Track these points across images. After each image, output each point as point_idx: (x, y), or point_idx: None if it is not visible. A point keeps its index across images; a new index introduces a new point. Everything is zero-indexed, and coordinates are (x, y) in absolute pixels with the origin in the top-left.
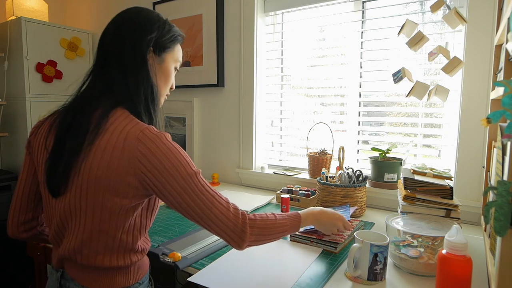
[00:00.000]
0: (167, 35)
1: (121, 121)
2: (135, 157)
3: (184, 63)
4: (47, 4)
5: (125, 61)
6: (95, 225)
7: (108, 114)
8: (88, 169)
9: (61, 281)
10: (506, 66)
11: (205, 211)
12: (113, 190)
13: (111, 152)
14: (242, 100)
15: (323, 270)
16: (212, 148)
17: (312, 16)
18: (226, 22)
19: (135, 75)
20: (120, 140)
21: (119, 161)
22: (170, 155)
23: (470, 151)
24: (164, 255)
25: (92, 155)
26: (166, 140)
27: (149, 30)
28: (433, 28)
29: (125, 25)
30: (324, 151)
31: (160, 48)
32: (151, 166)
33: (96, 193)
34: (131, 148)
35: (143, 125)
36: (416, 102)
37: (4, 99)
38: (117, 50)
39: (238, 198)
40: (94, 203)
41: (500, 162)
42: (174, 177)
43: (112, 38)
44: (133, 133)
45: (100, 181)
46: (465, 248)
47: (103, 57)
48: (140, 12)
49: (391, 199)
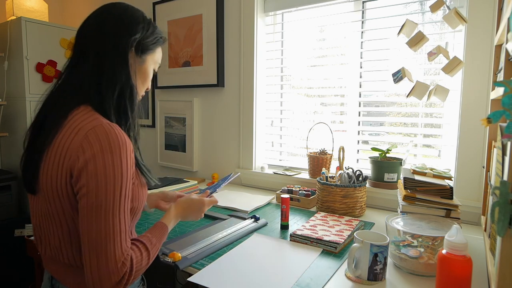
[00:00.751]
0: (151, 37)
1: (79, 117)
2: (75, 152)
3: (184, 63)
4: (47, 4)
5: (105, 59)
6: (69, 224)
7: (70, 112)
8: (46, 169)
9: (52, 280)
10: (506, 66)
11: (99, 242)
12: (61, 193)
13: (60, 152)
14: (242, 100)
15: (323, 270)
16: (212, 148)
17: (312, 16)
18: (226, 22)
19: (112, 74)
20: (72, 136)
21: (64, 160)
22: (109, 161)
23: (470, 151)
24: (164, 255)
25: (49, 155)
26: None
27: (133, 30)
28: (433, 28)
29: (109, 22)
30: (324, 151)
31: (142, 49)
32: (84, 164)
33: (54, 197)
34: (75, 144)
35: (101, 121)
36: (416, 102)
37: (4, 99)
38: (97, 47)
39: (238, 198)
40: (61, 203)
41: (500, 162)
42: (98, 186)
43: (94, 33)
44: (85, 129)
45: (53, 185)
46: (465, 248)
47: (81, 51)
48: (126, 11)
49: (391, 199)
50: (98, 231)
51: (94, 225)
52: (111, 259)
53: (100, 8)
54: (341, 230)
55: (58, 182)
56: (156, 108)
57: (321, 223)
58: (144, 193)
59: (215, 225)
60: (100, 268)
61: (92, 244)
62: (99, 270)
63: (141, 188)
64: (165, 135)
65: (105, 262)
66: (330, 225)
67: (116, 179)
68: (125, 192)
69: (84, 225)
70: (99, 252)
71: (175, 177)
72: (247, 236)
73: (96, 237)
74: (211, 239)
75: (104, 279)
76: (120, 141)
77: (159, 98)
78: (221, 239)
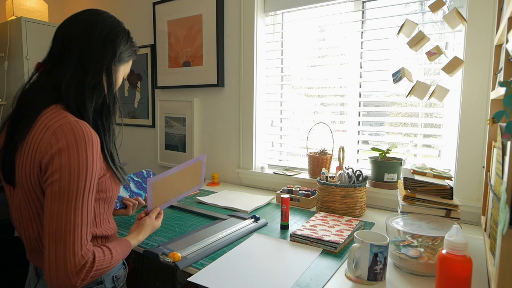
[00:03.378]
0: (128, 50)
1: (49, 115)
2: (44, 148)
3: (184, 63)
4: (47, 4)
5: (89, 67)
6: (41, 218)
7: (43, 110)
8: (20, 163)
9: (36, 270)
10: (506, 66)
11: (59, 230)
12: (34, 185)
13: (32, 147)
14: (242, 100)
15: (323, 270)
16: (212, 148)
17: (312, 16)
18: (226, 22)
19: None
20: (42, 133)
21: (35, 155)
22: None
23: (470, 151)
24: (164, 255)
25: (23, 150)
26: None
27: (117, 44)
28: (433, 28)
29: (97, 31)
30: (324, 151)
31: (120, 60)
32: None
33: (29, 188)
34: (44, 140)
35: (69, 119)
36: (416, 102)
37: (4, 99)
38: (83, 54)
39: (238, 198)
40: (32, 198)
41: (500, 162)
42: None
43: (81, 39)
44: (53, 126)
45: (27, 176)
46: (465, 248)
47: (63, 51)
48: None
49: (391, 199)
50: (58, 220)
51: (56, 214)
52: (69, 248)
53: (87, 12)
54: (341, 230)
55: (32, 175)
56: (156, 108)
57: (321, 223)
58: (117, 184)
59: (215, 225)
60: (58, 256)
61: (52, 232)
62: (56, 258)
63: (113, 179)
64: (165, 135)
65: (63, 250)
66: (330, 225)
67: (81, 173)
68: (89, 186)
69: (47, 214)
70: (58, 241)
71: None
72: (247, 236)
73: (57, 226)
74: (211, 239)
75: (60, 268)
76: (86, 136)
77: (159, 98)
78: (221, 239)
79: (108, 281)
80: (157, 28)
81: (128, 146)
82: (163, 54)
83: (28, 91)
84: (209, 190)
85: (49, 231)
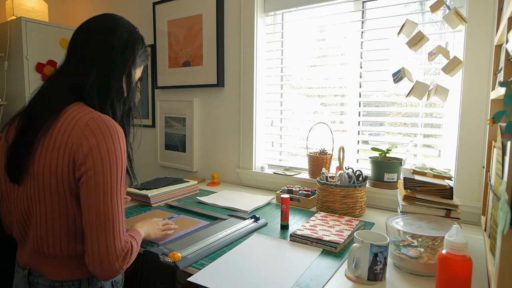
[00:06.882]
0: (142, 55)
1: (74, 110)
2: (78, 140)
3: (184, 63)
4: (47, 4)
5: (113, 68)
6: (55, 212)
7: (65, 108)
8: (43, 156)
9: (29, 278)
10: (506, 66)
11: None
12: (61, 175)
13: (61, 139)
14: (242, 100)
15: (323, 270)
16: (212, 148)
17: (312, 16)
18: (226, 22)
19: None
20: (71, 126)
21: (65, 146)
22: (112, 147)
23: (470, 151)
24: (164, 255)
25: (46, 144)
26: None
27: (136, 49)
28: (433, 28)
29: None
30: (324, 151)
31: (135, 65)
32: (89, 150)
33: (51, 179)
34: (77, 132)
35: (97, 113)
36: (416, 102)
37: (4, 99)
38: (105, 55)
39: (238, 198)
40: (50, 190)
41: (500, 162)
42: (104, 169)
43: (101, 45)
44: (83, 119)
45: (52, 168)
46: (465, 248)
47: (80, 58)
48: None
49: (391, 199)
50: (105, 211)
51: (102, 205)
52: (117, 236)
53: (106, 18)
54: (341, 230)
55: (59, 167)
56: (156, 108)
57: (321, 223)
58: (126, 185)
59: (215, 225)
60: (101, 245)
61: (101, 222)
62: (99, 247)
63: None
64: (165, 135)
65: (113, 238)
66: (330, 225)
67: (118, 163)
68: (122, 176)
69: (92, 206)
70: (108, 230)
71: (175, 177)
72: (247, 236)
73: (105, 216)
74: (211, 239)
75: (103, 256)
76: (117, 129)
77: (159, 98)
78: (221, 239)
79: (108, 286)
80: (157, 28)
81: None
82: (163, 54)
83: (46, 91)
84: (209, 190)
85: (96, 223)
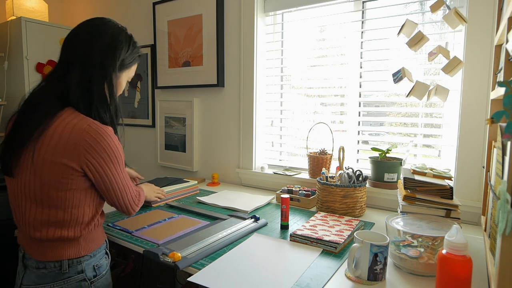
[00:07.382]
0: (130, 57)
1: (68, 115)
2: (81, 146)
3: (184, 63)
4: (47, 4)
5: (92, 74)
6: (45, 201)
7: (58, 112)
8: (37, 154)
9: (23, 260)
10: (506, 66)
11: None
12: (57, 172)
13: (58, 140)
14: (242, 100)
15: (323, 270)
16: (212, 148)
17: (312, 16)
18: (226, 22)
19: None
20: (67, 130)
21: (64, 149)
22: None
23: (470, 151)
24: (164, 255)
25: (41, 143)
26: (110, 130)
27: (118, 54)
28: (433, 28)
29: (97, 43)
30: (324, 151)
31: (120, 67)
32: (94, 152)
33: (42, 174)
34: (77, 137)
35: (89, 119)
36: (416, 102)
37: (4, 99)
38: (85, 61)
39: (238, 198)
40: (41, 183)
41: (500, 162)
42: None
43: (82, 49)
44: (80, 126)
45: (46, 164)
46: (465, 248)
47: (68, 61)
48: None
49: (391, 199)
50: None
51: (118, 178)
52: (132, 192)
53: (93, 22)
54: (341, 230)
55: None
56: (156, 108)
57: (321, 223)
58: None
59: (215, 225)
60: (129, 198)
61: (121, 188)
62: (129, 199)
63: None
64: (165, 135)
65: (130, 194)
66: (330, 225)
67: (121, 151)
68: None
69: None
70: (126, 191)
71: (175, 177)
72: (247, 236)
73: (123, 184)
74: (211, 239)
75: (132, 202)
76: (109, 131)
77: (159, 98)
78: (221, 239)
79: (89, 270)
80: (157, 28)
81: (128, 146)
82: (163, 54)
83: (37, 94)
84: (209, 190)
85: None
